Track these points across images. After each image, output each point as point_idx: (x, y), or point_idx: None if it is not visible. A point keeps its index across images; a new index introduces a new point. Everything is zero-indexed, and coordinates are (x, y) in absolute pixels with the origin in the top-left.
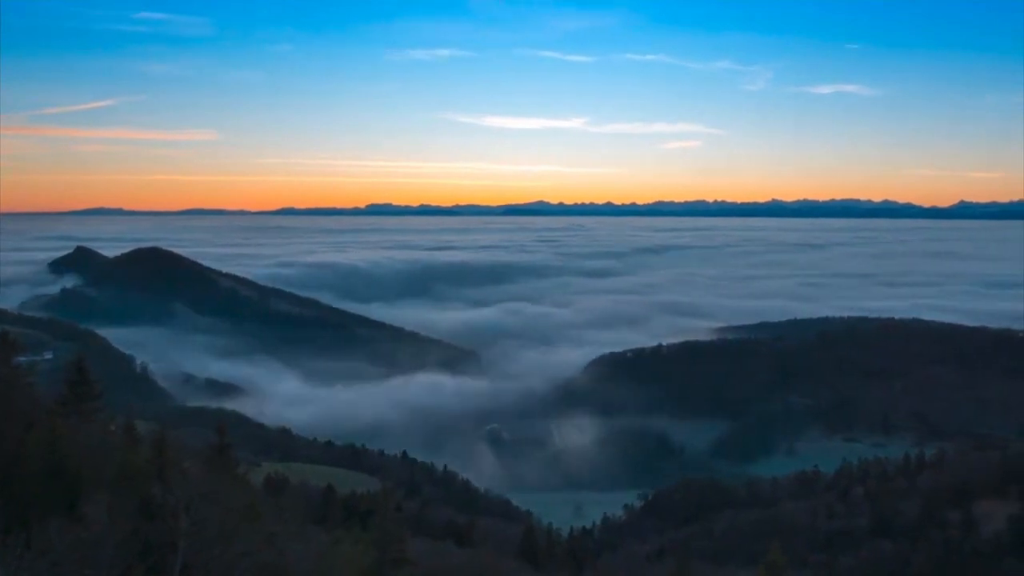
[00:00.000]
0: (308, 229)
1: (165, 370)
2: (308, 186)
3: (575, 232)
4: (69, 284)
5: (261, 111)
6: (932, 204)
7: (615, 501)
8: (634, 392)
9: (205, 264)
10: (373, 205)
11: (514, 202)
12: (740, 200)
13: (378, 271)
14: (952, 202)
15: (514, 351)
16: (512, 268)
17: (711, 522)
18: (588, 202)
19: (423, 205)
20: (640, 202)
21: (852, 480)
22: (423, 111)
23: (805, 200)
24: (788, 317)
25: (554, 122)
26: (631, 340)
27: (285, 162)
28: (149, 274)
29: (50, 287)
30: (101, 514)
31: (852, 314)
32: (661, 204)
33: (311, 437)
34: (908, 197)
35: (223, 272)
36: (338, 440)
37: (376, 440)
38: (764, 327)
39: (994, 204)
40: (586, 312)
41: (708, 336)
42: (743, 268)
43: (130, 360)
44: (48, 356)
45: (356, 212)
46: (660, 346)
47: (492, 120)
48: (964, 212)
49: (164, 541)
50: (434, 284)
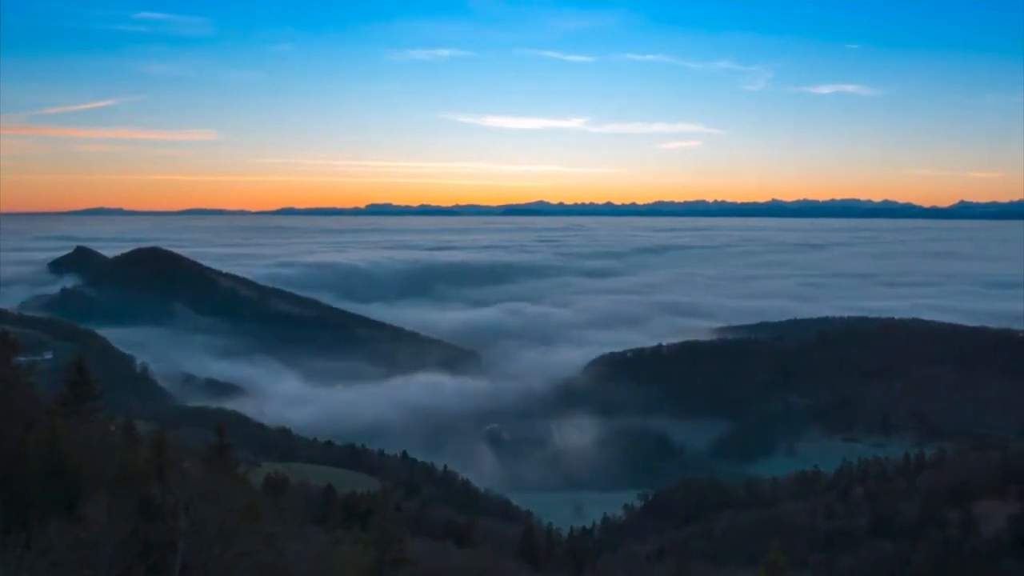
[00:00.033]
0: (308, 229)
1: (165, 370)
2: (308, 186)
3: (575, 232)
4: (69, 284)
5: (261, 111)
6: (932, 204)
7: (615, 501)
8: (634, 392)
9: (205, 264)
10: (373, 205)
11: (514, 202)
12: (740, 200)
13: (378, 271)
14: (952, 202)
15: (514, 351)
16: (512, 268)
17: (711, 522)
18: (588, 202)
19: (423, 205)
20: (640, 202)
21: (852, 480)
22: (423, 111)
23: (805, 200)
24: (788, 317)
25: (554, 122)
26: (631, 340)
27: (285, 162)
28: (149, 274)
29: (50, 287)
30: (101, 514)
31: (852, 314)
32: (661, 204)
33: (311, 437)
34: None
35: (223, 272)
36: (338, 440)
37: (376, 440)
38: (764, 327)
39: (994, 204)
40: (586, 312)
41: (708, 336)
42: (743, 268)
43: (130, 360)
44: (48, 356)
45: (356, 212)
46: (660, 346)
47: (492, 120)
48: (964, 212)
49: (164, 541)
50: (434, 284)
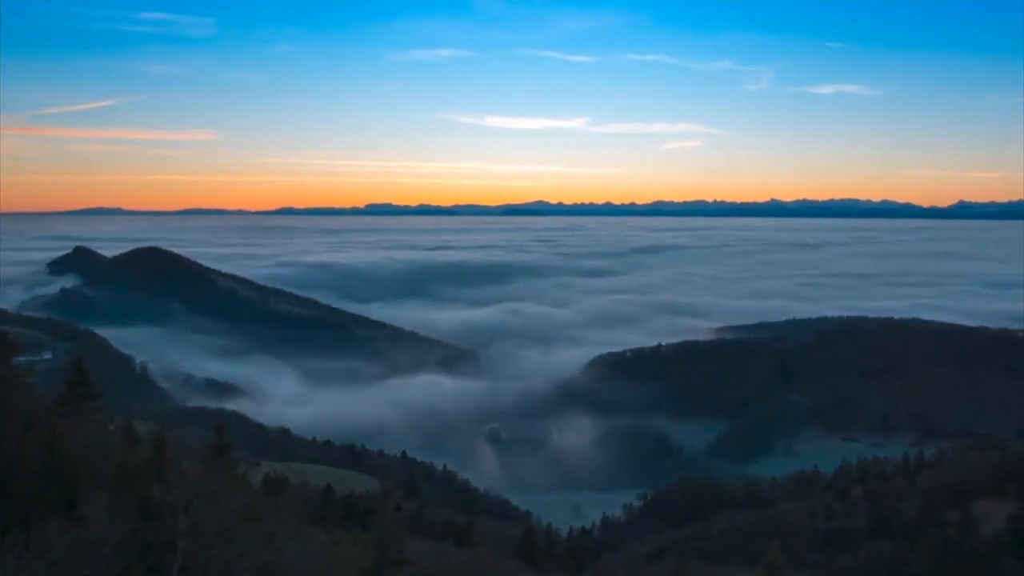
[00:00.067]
0: (307, 229)
1: (164, 370)
2: (308, 186)
3: (574, 232)
4: (68, 284)
5: (261, 111)
6: (931, 204)
7: (614, 501)
8: (633, 392)
9: (204, 264)
10: (372, 205)
11: (513, 202)
12: (739, 200)
13: (377, 271)
14: (951, 202)
15: (513, 351)
16: (511, 268)
17: (710, 522)
18: (587, 202)
19: (422, 205)
20: (639, 202)
21: (851, 480)
22: (423, 111)
23: (804, 200)
24: (787, 317)
25: (555, 122)
26: (630, 340)
27: (285, 162)
28: (148, 274)
29: (49, 287)
30: (100, 514)
31: (851, 314)
32: (660, 204)
33: (310, 437)
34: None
35: (222, 272)
36: (337, 440)
37: (375, 440)
38: (763, 327)
39: (993, 204)
40: (585, 312)
41: (707, 336)
42: (742, 268)
43: (129, 360)
44: (47, 356)
45: (355, 212)
46: (659, 346)
47: (493, 120)
48: (963, 212)
49: (163, 541)
50: (433, 284)
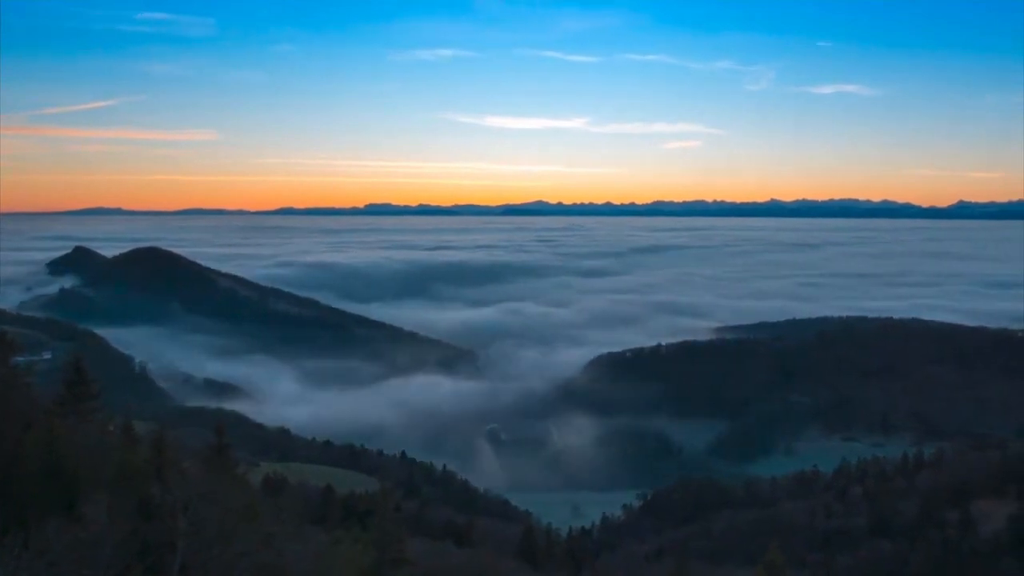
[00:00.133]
0: (307, 229)
1: (163, 370)
2: (307, 186)
3: (574, 232)
4: (67, 284)
5: (261, 111)
6: (931, 204)
7: (614, 501)
8: (633, 392)
9: (204, 264)
10: (372, 205)
11: (513, 202)
12: (739, 200)
13: (377, 271)
14: (951, 202)
15: (513, 351)
16: (511, 268)
17: (710, 522)
18: (587, 202)
19: (422, 205)
20: (639, 202)
21: (851, 480)
22: (423, 111)
23: (804, 200)
24: (787, 317)
25: (555, 122)
26: (630, 340)
27: (285, 162)
28: (148, 274)
29: (48, 287)
30: (99, 514)
31: (851, 314)
32: (660, 204)
33: (310, 437)
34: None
35: (222, 272)
36: (337, 440)
37: (375, 440)
38: (763, 327)
39: (993, 204)
40: (585, 312)
41: (707, 336)
42: (742, 268)
43: (128, 360)
44: (46, 356)
45: (355, 212)
46: (659, 346)
47: (493, 120)
48: (963, 212)
49: (163, 541)
50: (433, 284)
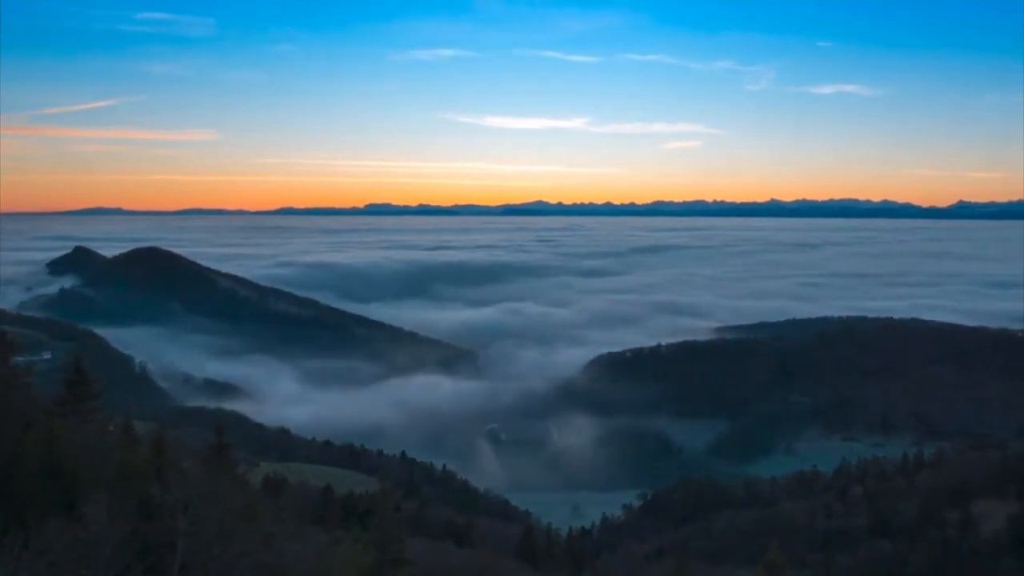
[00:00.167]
0: (307, 229)
1: (163, 370)
2: (307, 186)
3: (574, 232)
4: (67, 284)
5: (261, 111)
6: (931, 204)
7: (614, 501)
8: (633, 392)
9: (204, 264)
10: (372, 205)
11: (513, 202)
12: (739, 200)
13: (377, 271)
14: (951, 202)
15: (513, 351)
16: (511, 268)
17: (709, 522)
18: (587, 202)
19: (422, 205)
20: (639, 202)
21: (851, 480)
22: (423, 111)
23: (804, 200)
24: (787, 317)
25: (555, 122)
26: (630, 340)
27: (285, 162)
28: (147, 274)
29: (48, 287)
30: (99, 514)
31: (851, 314)
32: (660, 204)
33: (310, 437)
34: (907, 197)
35: (222, 272)
36: (337, 440)
37: (375, 440)
38: (763, 327)
39: (993, 204)
40: (585, 312)
41: (707, 336)
42: (742, 268)
43: (128, 360)
44: (46, 356)
45: (355, 212)
46: (659, 346)
47: (493, 120)
48: (963, 212)
49: (162, 541)
50: (433, 284)
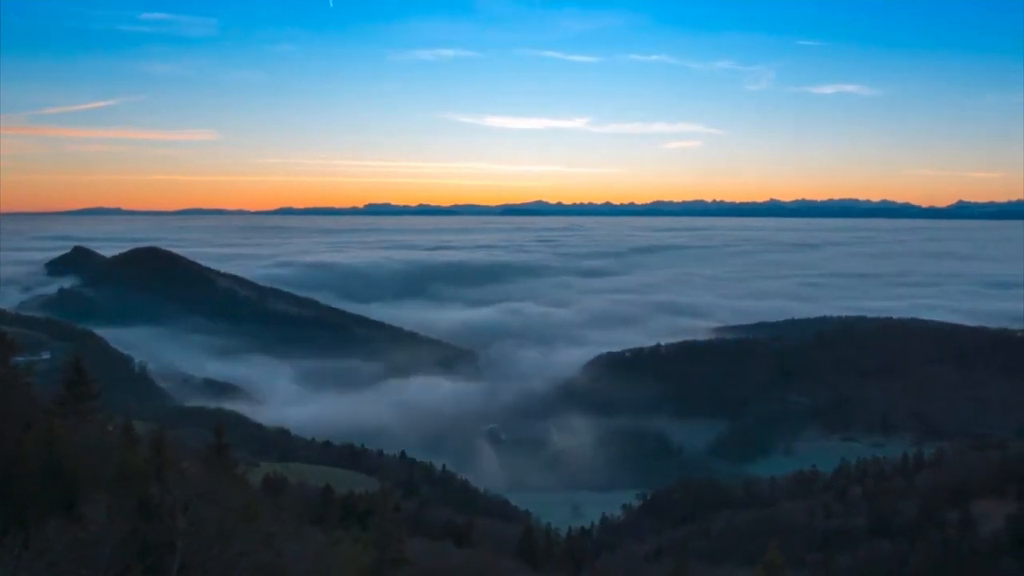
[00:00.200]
0: (306, 229)
1: (163, 370)
2: (307, 186)
3: (573, 232)
4: (67, 284)
5: (261, 111)
6: (930, 204)
7: (613, 501)
8: (632, 392)
9: (203, 264)
10: (371, 205)
11: (513, 202)
12: (738, 200)
13: (377, 271)
14: (950, 202)
15: (512, 351)
16: (511, 268)
17: (709, 522)
18: (587, 202)
19: (421, 205)
20: (639, 202)
21: (850, 480)
22: (424, 111)
23: (803, 200)
24: (786, 317)
25: (555, 122)
26: (629, 340)
27: (285, 162)
28: (147, 274)
29: (48, 287)
30: (99, 514)
31: (850, 314)
32: (660, 204)
33: (309, 437)
34: (906, 197)
35: (221, 272)
36: (336, 440)
37: (374, 440)
38: (762, 327)
39: (992, 204)
40: (584, 312)
41: (706, 336)
42: (742, 268)
43: (128, 360)
44: (46, 356)
45: (354, 212)
46: (658, 346)
47: (493, 120)
48: (962, 212)
49: (162, 541)
50: (432, 284)
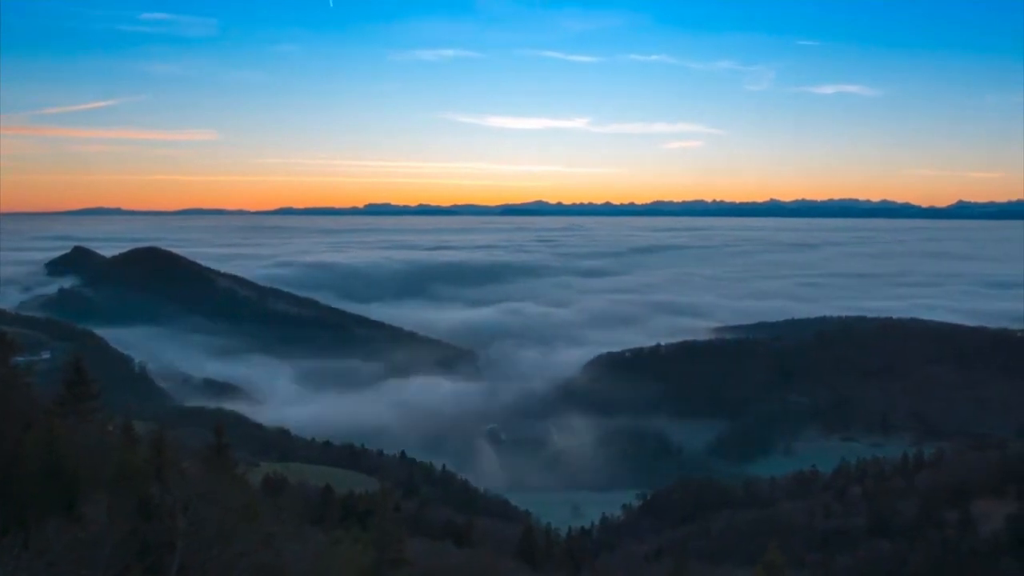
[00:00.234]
0: (306, 229)
1: (163, 370)
2: (307, 186)
3: (573, 232)
4: (67, 284)
5: (261, 111)
6: (930, 204)
7: (613, 501)
8: (632, 392)
9: (203, 264)
10: (371, 205)
11: (513, 202)
12: (738, 200)
13: (377, 271)
14: (950, 202)
15: (512, 351)
16: (511, 268)
17: (709, 522)
18: (587, 202)
19: (421, 205)
20: (639, 202)
21: (850, 480)
22: (424, 111)
23: (803, 200)
24: (786, 317)
25: (555, 122)
26: (629, 340)
27: (285, 162)
28: (147, 274)
29: (48, 287)
30: (99, 514)
31: (850, 314)
32: (660, 204)
33: (309, 437)
34: (906, 197)
35: (221, 272)
36: (336, 440)
37: (374, 440)
38: (762, 327)
39: (992, 204)
40: (584, 312)
41: (706, 336)
42: (741, 268)
43: (128, 360)
44: (46, 356)
45: (354, 212)
46: (658, 346)
47: (494, 120)
48: (962, 212)
49: (162, 541)
50: (432, 284)
